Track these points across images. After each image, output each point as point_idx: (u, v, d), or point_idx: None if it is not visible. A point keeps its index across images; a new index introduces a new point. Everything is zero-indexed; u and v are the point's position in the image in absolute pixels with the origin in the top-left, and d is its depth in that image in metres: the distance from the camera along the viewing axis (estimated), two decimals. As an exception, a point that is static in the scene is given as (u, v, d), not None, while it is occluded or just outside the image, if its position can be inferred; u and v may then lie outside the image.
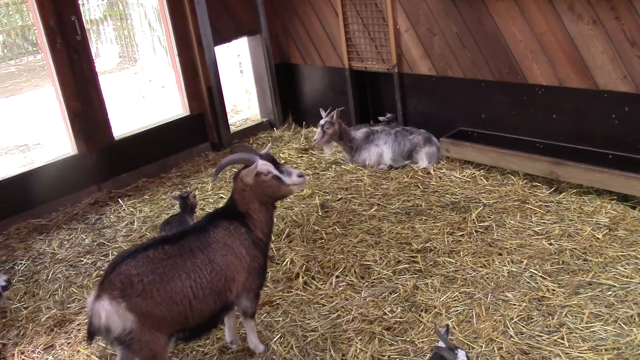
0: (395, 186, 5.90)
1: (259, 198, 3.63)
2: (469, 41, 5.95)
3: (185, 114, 7.28)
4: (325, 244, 5.01)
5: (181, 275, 3.34)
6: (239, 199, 3.65)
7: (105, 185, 6.57)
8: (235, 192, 3.67)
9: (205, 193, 6.24)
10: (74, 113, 6.34)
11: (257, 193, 3.62)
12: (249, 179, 3.58)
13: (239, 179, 3.64)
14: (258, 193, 3.62)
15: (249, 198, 3.62)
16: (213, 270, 3.43)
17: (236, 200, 3.66)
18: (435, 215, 5.28)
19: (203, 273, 3.40)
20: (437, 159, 6.25)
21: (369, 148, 6.43)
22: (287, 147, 7.19)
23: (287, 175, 3.63)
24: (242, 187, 3.63)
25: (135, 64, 14.23)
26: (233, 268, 3.52)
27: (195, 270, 3.38)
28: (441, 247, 4.76)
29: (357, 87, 7.12)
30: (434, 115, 6.52)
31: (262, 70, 7.77)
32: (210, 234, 3.53)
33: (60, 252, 5.47)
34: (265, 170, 3.59)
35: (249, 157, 3.63)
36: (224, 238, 3.53)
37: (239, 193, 3.65)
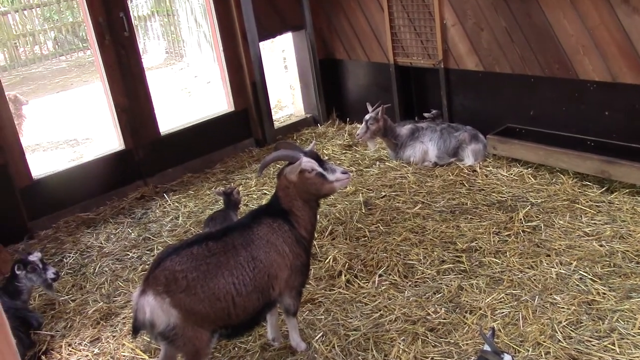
0: (440, 184, 5.82)
1: (302, 195, 3.62)
2: (517, 36, 5.82)
3: (229, 110, 7.33)
4: (368, 242, 4.97)
5: (224, 272, 3.35)
6: (283, 196, 3.64)
7: (151, 180, 6.67)
8: (279, 189, 3.67)
9: (249, 189, 6.27)
10: (121, 108, 6.44)
11: (301, 190, 3.61)
12: (293, 176, 3.57)
13: (282, 176, 3.64)
14: (302, 190, 3.61)
15: (292, 195, 3.62)
16: (256, 268, 3.44)
17: (280, 198, 3.65)
18: (481, 214, 5.19)
19: (246, 270, 3.41)
20: (483, 157, 6.14)
21: (413, 145, 6.37)
22: (330, 143, 7.17)
23: (331, 172, 3.61)
24: (286, 184, 3.62)
25: (181, 60, 14.42)
26: (276, 265, 3.52)
27: (238, 267, 3.39)
28: (487, 247, 4.68)
29: (402, 82, 7.05)
30: (480, 112, 6.41)
31: (306, 66, 7.77)
32: (254, 231, 3.53)
33: (107, 245, 5.58)
34: (309, 167, 3.57)
35: (294, 154, 3.62)
36: (267, 235, 3.54)
37: (282, 190, 3.64)
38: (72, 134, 9.76)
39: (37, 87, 13.69)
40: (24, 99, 9.49)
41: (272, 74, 9.03)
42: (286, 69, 8.65)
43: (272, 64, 9.12)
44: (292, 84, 8.20)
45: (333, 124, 7.77)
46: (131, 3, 14.24)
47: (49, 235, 5.90)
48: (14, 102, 9.15)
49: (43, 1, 16.10)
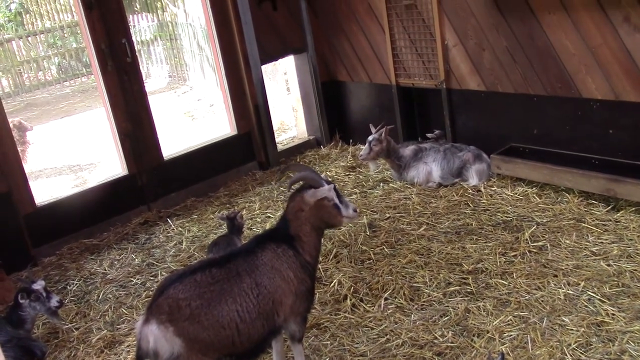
0: (445, 205, 5.79)
1: (312, 221, 3.63)
2: (519, 56, 5.82)
3: (232, 133, 7.34)
4: (374, 265, 4.94)
5: (227, 299, 3.32)
6: (293, 220, 3.63)
7: (154, 205, 6.66)
8: (289, 212, 3.66)
9: (252, 213, 6.25)
10: (124, 134, 6.46)
11: (313, 216, 3.62)
12: (312, 200, 3.59)
13: (298, 198, 3.64)
14: (314, 216, 3.62)
15: (303, 220, 3.62)
16: (260, 294, 3.41)
17: (289, 221, 3.64)
18: (487, 234, 5.15)
19: (250, 297, 3.38)
20: (487, 177, 6.12)
21: (417, 166, 6.35)
22: (334, 165, 7.16)
23: (345, 207, 3.67)
24: (300, 207, 3.62)
25: (184, 83, 14.50)
26: (280, 291, 3.49)
27: (242, 294, 3.37)
28: (493, 268, 4.64)
29: (405, 103, 7.05)
30: (483, 132, 6.40)
31: (308, 88, 7.79)
32: (258, 256, 3.51)
33: (111, 272, 5.55)
34: (330, 196, 3.62)
35: (318, 178, 3.66)
36: (271, 261, 3.52)
37: (294, 213, 3.64)
38: (75, 160, 9.79)
39: (41, 112, 13.77)
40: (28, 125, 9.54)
41: (275, 96, 9.06)
42: (288, 91, 8.68)
43: (275, 87, 9.15)
44: (295, 106, 8.21)
45: (336, 145, 7.77)
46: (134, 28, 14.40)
47: (53, 262, 5.88)
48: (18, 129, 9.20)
49: (47, 27, 16.27)
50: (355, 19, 7.19)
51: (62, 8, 16.60)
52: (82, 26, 6.28)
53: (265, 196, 6.63)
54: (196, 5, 11.82)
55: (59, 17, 16.52)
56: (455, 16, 6.19)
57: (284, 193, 6.64)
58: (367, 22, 7.08)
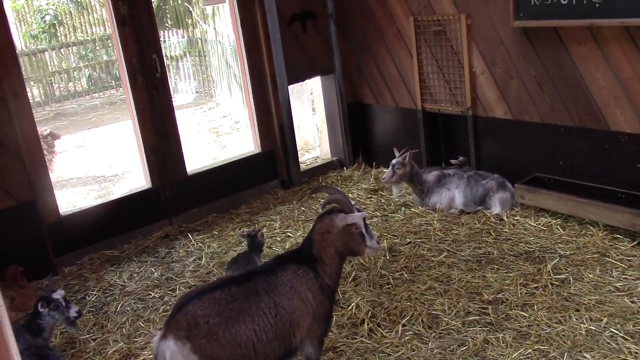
0: (466, 232, 5.75)
1: (337, 245, 3.65)
2: (547, 85, 5.79)
3: (256, 151, 7.37)
4: (392, 290, 4.90)
5: (245, 318, 3.32)
6: (318, 240, 3.64)
7: (176, 220, 6.69)
8: (316, 232, 3.67)
9: (273, 231, 6.25)
10: (150, 147, 6.52)
11: (339, 240, 3.64)
12: (341, 224, 3.60)
13: (327, 219, 3.66)
14: (339, 240, 3.64)
15: (328, 242, 3.63)
16: (278, 314, 3.41)
17: (314, 242, 3.65)
18: (508, 264, 5.09)
19: (267, 317, 3.38)
20: (510, 206, 6.06)
21: (440, 192, 6.32)
22: (356, 187, 7.15)
23: (370, 237, 3.69)
24: (328, 229, 3.63)
25: (211, 100, 14.64)
26: (298, 312, 3.48)
27: (260, 313, 3.37)
28: (514, 299, 4.57)
29: (430, 129, 7.04)
30: (508, 160, 6.36)
31: (334, 109, 7.82)
32: (278, 276, 3.52)
33: (130, 284, 5.58)
34: (359, 224, 3.64)
35: (350, 204, 3.69)
36: (291, 281, 3.51)
37: (320, 234, 3.65)
38: (100, 171, 9.90)
39: (70, 123, 13.97)
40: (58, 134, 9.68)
41: (300, 115, 9.10)
42: (314, 111, 8.71)
43: (300, 106, 9.20)
44: (319, 127, 8.24)
45: (359, 167, 7.76)
46: (164, 43, 14.61)
47: (73, 272, 5.93)
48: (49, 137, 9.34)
49: (79, 40, 16.57)
50: (383, 42, 7.22)
51: (95, 21, 16.92)
52: (115, 40, 6.38)
53: (286, 215, 6.63)
54: (226, 23, 11.97)
55: (91, 30, 16.84)
56: (483, 44, 6.18)
57: (304, 213, 6.64)
58: (396, 46, 7.10)
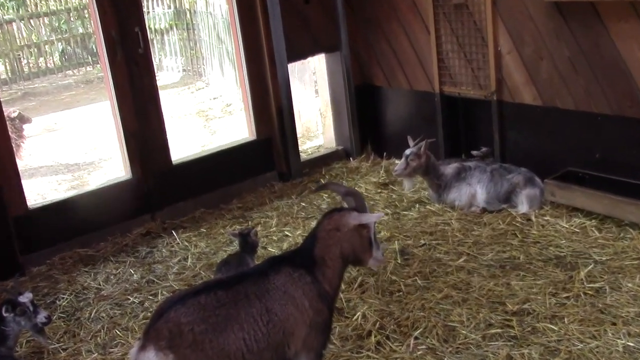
0: (489, 233, 5.74)
1: (343, 247, 3.65)
2: (582, 67, 5.76)
3: (251, 138, 7.36)
4: (404, 298, 4.90)
5: (234, 326, 3.32)
6: (324, 238, 3.64)
7: (159, 215, 6.69)
8: (322, 230, 3.67)
9: (268, 230, 6.25)
10: (130, 132, 6.50)
11: (347, 241, 3.64)
12: (353, 223, 3.61)
13: (337, 216, 3.66)
14: (347, 241, 3.64)
15: (335, 241, 3.63)
16: (270, 322, 3.41)
17: (318, 239, 3.65)
18: (536, 271, 5.09)
19: (258, 324, 3.38)
20: (539, 204, 6.05)
21: (459, 187, 6.31)
22: (364, 181, 7.14)
23: (377, 247, 3.72)
24: (337, 227, 3.63)
25: (199, 79, 14.63)
26: (292, 320, 3.48)
27: (250, 320, 3.37)
28: (542, 311, 4.56)
29: (449, 115, 7.02)
30: (537, 152, 6.34)
31: (339, 92, 7.79)
32: (270, 279, 3.51)
33: (106, 287, 5.58)
34: (372, 228, 3.67)
35: (365, 204, 3.70)
36: (285, 285, 3.51)
37: (327, 231, 3.65)
38: (74, 158, 9.90)
39: (40, 103, 13.98)
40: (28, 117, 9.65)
41: (301, 98, 9.08)
42: (317, 93, 8.69)
43: (301, 88, 9.18)
44: (323, 111, 8.22)
45: (367, 158, 7.75)
46: (148, 14, 14.57)
47: (42, 273, 5.91)
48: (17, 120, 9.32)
49: (52, 10, 16.52)
50: (396, 17, 7.19)
51: (69, -12, 16.90)
52: (92, 10, 6.35)
53: (284, 212, 6.62)
54: (218, -8, 11.95)
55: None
56: (511, 19, 6.15)
57: (305, 209, 6.64)
58: (411, 21, 7.07)
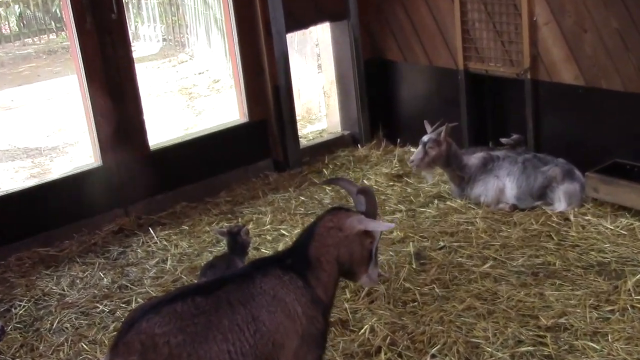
0: (520, 235, 5.74)
1: (341, 250, 3.65)
2: (634, 42, 5.76)
3: (242, 121, 7.37)
4: (419, 309, 4.90)
5: (217, 336, 3.32)
6: (322, 236, 3.65)
7: (133, 209, 6.70)
8: (321, 226, 3.68)
9: (261, 228, 6.26)
10: (101, 113, 6.50)
11: (346, 246, 3.64)
12: (358, 227, 3.62)
13: (343, 214, 3.68)
14: (346, 246, 3.64)
15: (334, 242, 3.64)
16: (258, 331, 3.40)
17: (315, 236, 3.65)
18: (574, 279, 5.09)
19: (245, 335, 3.37)
20: (579, 201, 6.05)
21: (485, 180, 6.31)
22: (374, 172, 7.15)
23: (374, 265, 3.74)
24: (339, 226, 3.64)
25: (182, 51, 14.60)
26: (283, 330, 3.47)
27: (235, 330, 3.36)
28: (581, 326, 4.57)
29: (474, 96, 7.02)
30: (578, 141, 6.34)
31: (346, 67, 7.79)
32: (256, 282, 3.51)
33: (71, 293, 5.58)
34: (377, 239, 3.67)
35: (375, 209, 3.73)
36: (273, 289, 3.50)
37: (327, 229, 3.66)
38: (34, 142, 9.89)
39: (-6, 77, 13.97)
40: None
41: (302, 75, 9.07)
42: (320, 69, 8.68)
43: (302, 62, 9.16)
44: (327, 90, 8.21)
45: (378, 145, 7.75)
46: (122, -26, 14.53)
47: (-4, 276, 5.94)
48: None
49: (9, -34, 16.49)
50: (415, -21, 7.20)
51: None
52: (56, -32, 6.36)
53: (280, 207, 6.63)
54: (205, -51, 11.92)
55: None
56: (549, -16, 6.16)
57: (304, 204, 6.65)
58: (431, -16, 7.09)
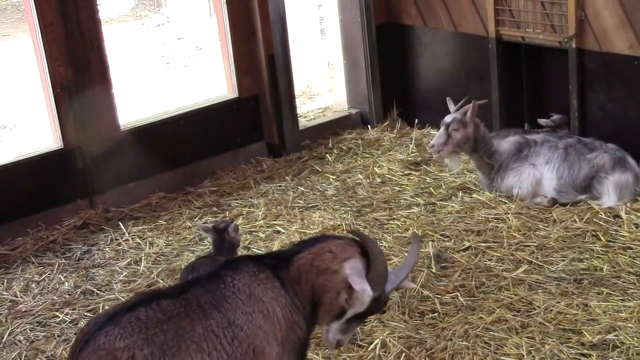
0: (560, 234, 5.76)
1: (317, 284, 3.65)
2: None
3: (230, 96, 7.38)
4: (440, 321, 4.93)
5: (189, 345, 3.33)
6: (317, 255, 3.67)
7: (100, 200, 6.72)
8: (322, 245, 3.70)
9: (252, 223, 6.29)
10: (61, 85, 6.50)
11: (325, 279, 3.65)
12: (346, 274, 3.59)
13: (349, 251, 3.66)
14: (325, 281, 3.65)
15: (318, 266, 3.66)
16: (235, 338, 3.41)
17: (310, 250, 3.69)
18: (626, 287, 5.11)
19: (222, 342, 3.38)
20: (633, 195, 6.07)
21: (520, 169, 6.33)
22: (386, 158, 7.18)
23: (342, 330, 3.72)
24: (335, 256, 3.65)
25: (158, 11, 14.57)
26: (262, 335, 3.48)
27: (211, 337, 3.37)
28: (633, 344, 4.58)
29: (508, 68, 7.03)
30: (632, 123, 6.36)
31: (355, 33, 7.79)
32: (227, 281, 3.53)
33: (26, 300, 5.59)
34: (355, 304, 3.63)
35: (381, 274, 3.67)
36: (249, 287, 3.52)
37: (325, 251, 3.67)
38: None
39: None
40: None
41: (301, 42, 9.05)
42: (323, 34, 8.68)
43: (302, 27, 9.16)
44: (332, 61, 8.21)
45: (392, 126, 7.78)
46: None
47: None
48: None
49: None
50: None
51: None
52: None
53: (275, 199, 6.66)
54: None
55: None
56: None
57: (304, 196, 6.67)
58: None
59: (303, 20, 9.18)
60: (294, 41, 7.68)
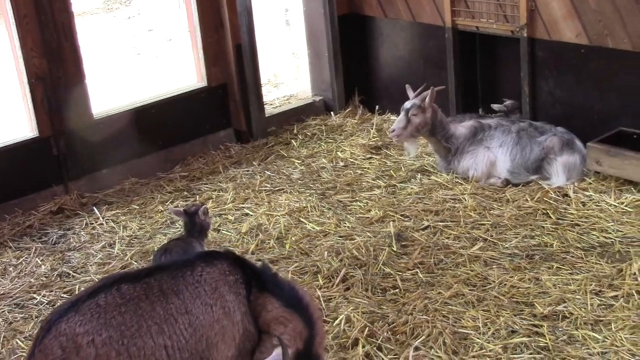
0: (513, 213, 5.81)
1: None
2: (643, -6, 5.82)
3: (199, 85, 7.36)
4: (401, 297, 4.96)
5: (151, 327, 3.30)
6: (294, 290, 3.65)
7: (75, 186, 6.69)
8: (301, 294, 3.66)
9: (222, 206, 6.29)
10: (36, 75, 6.45)
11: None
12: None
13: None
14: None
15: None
16: (191, 325, 3.40)
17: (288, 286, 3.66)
18: (574, 262, 5.16)
19: (180, 327, 3.37)
20: (580, 175, 6.13)
21: (475, 152, 6.37)
22: (349, 143, 7.19)
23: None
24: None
25: (129, 4, 14.46)
26: (219, 329, 3.45)
27: (170, 320, 3.35)
28: (581, 314, 4.63)
29: (463, 57, 7.06)
30: (580, 107, 6.40)
31: (319, 24, 7.79)
32: (196, 270, 3.51)
33: (4, 283, 5.57)
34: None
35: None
36: (216, 282, 3.49)
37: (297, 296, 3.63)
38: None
39: None
40: None
41: (267, 32, 9.03)
42: (288, 25, 8.66)
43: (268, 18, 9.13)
44: (296, 51, 8.20)
45: (354, 112, 7.80)
46: None
47: None
48: None
49: None
50: None
51: None
52: None
53: (243, 183, 6.67)
54: None
55: None
56: None
57: (271, 180, 6.68)
58: None
59: (269, 12, 9.15)
60: (260, 32, 7.67)
